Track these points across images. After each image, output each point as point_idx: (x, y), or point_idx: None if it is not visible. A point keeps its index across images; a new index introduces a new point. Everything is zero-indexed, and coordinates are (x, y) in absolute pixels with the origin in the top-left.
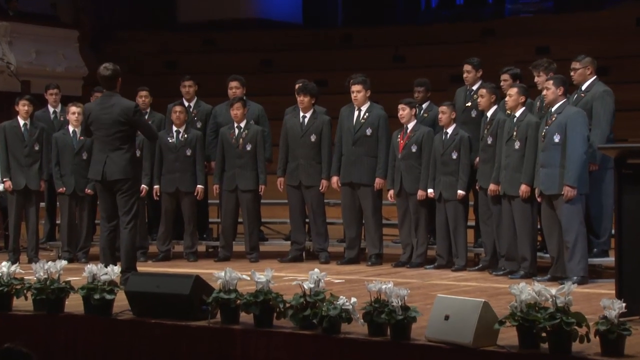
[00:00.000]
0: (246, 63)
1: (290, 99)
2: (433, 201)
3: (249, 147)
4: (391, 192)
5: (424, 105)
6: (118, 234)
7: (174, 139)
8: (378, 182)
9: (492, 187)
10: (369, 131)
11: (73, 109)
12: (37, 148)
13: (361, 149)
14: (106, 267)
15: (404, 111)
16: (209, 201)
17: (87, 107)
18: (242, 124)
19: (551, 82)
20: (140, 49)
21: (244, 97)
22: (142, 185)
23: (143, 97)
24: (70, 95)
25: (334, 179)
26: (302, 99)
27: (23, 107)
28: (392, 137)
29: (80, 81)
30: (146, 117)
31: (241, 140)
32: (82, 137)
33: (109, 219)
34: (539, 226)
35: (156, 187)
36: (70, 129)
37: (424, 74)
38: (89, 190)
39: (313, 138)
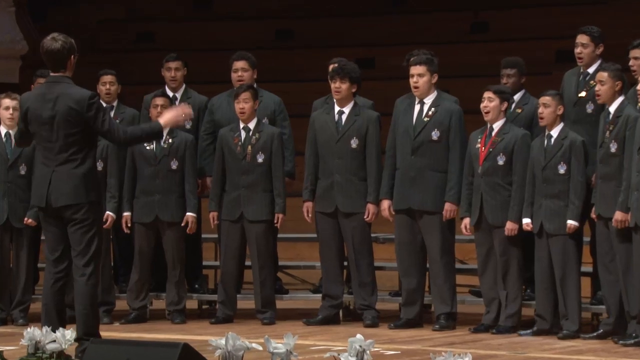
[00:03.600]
0: (256, 35)
1: (321, 87)
2: (530, 236)
3: (261, 159)
4: (466, 221)
5: (517, 96)
6: (69, 284)
7: (153, 146)
8: (449, 208)
9: (617, 215)
10: (435, 134)
11: (7, 101)
12: None
13: (424, 160)
14: (54, 331)
15: (490, 102)
16: (203, 236)
17: (24, 99)
18: (252, 124)
19: None
20: (100, 15)
21: (255, 85)
22: (107, 213)
23: (107, 85)
24: (4, 83)
25: (385, 203)
26: (339, 87)
27: None
28: (469, 141)
29: (17, 61)
30: (112, 113)
31: (250, 147)
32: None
33: (57, 262)
34: None
35: (126, 214)
36: (3, 130)
37: (516, 51)
38: (30, 220)
39: (354, 144)
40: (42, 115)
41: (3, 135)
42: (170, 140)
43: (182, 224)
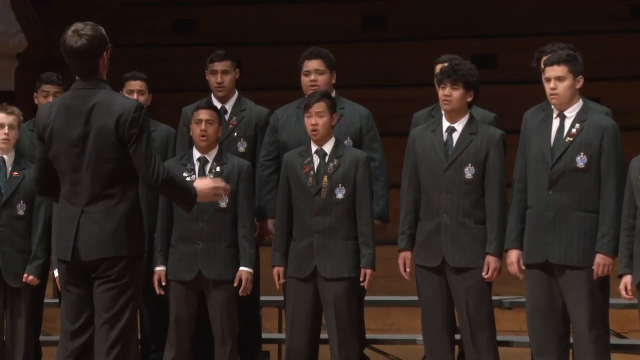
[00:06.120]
0: (335, 24)
1: (424, 94)
2: None
3: (341, 194)
4: (626, 279)
5: None
6: None
7: (196, 176)
8: (602, 261)
9: None
10: (582, 160)
11: (1, 116)
12: None
13: (567, 196)
14: None
15: None
16: (263, 298)
17: (42, 112)
18: (328, 147)
19: None
20: None
21: (333, 92)
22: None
23: (135, 94)
24: None
25: (513, 254)
26: (449, 94)
27: None
28: (628, 170)
29: (13, 62)
30: None
31: (326, 178)
32: (15, 173)
33: (76, 334)
34: None
35: (159, 269)
36: None
37: None
38: (31, 277)
39: (469, 173)
40: (70, 134)
41: None
42: (218, 169)
43: (235, 283)
